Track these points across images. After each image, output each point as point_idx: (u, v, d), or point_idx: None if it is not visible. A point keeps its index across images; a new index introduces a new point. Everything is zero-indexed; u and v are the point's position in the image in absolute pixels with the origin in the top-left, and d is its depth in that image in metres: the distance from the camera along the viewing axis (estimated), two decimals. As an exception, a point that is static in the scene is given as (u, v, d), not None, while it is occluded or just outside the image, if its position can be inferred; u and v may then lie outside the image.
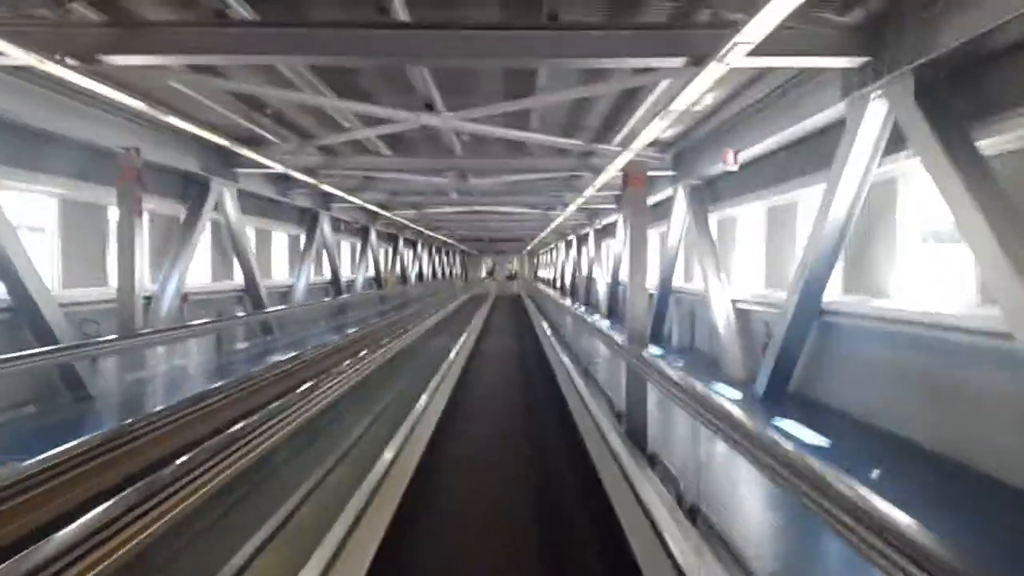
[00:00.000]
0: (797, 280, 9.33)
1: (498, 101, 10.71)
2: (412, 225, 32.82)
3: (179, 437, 6.79)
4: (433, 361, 13.19)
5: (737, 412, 4.08)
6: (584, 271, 34.62)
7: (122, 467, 5.95)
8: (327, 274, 24.55)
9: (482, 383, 13.42)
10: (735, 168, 11.25)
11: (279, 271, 20.80)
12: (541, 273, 65.10)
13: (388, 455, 6.62)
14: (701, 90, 6.94)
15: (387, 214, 26.74)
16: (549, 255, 57.70)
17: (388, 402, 9.37)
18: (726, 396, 5.74)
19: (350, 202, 21.13)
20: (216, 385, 8.59)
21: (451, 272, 63.37)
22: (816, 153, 9.99)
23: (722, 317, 13.30)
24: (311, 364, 11.87)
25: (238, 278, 17.04)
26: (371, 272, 31.59)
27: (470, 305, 31.56)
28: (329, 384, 6.49)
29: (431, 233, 39.19)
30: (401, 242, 37.39)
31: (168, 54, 7.18)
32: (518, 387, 13.22)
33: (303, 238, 21.86)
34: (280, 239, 21.01)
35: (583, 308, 28.23)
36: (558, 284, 46.92)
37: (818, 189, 9.17)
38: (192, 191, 14.48)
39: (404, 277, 39.77)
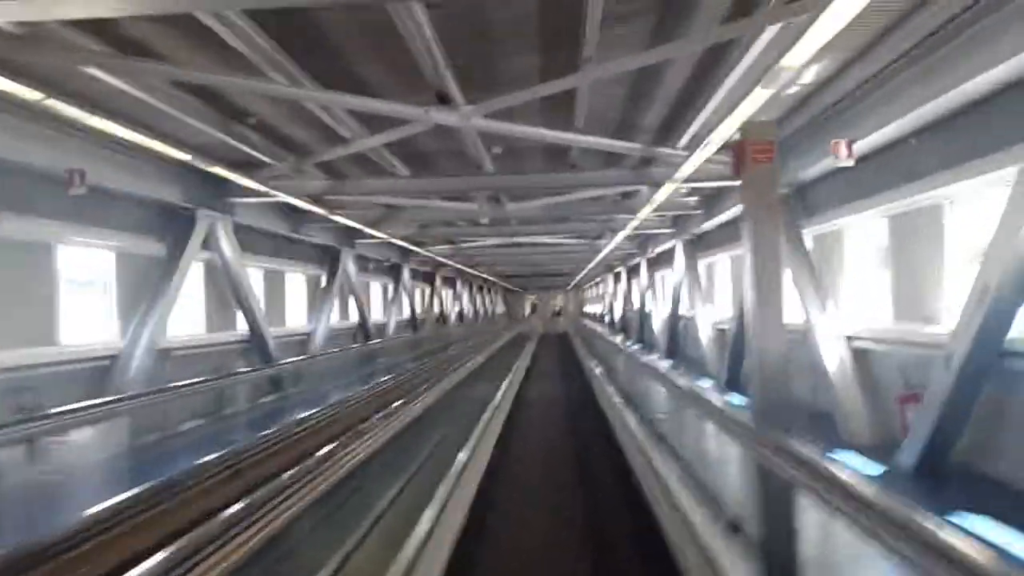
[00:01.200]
0: (969, 310, 6.85)
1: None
2: (448, 262, 30.46)
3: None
4: (467, 418, 10.69)
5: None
6: (636, 304, 31.85)
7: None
8: (354, 318, 22.19)
9: (525, 461, 10.76)
10: (849, 163, 8.47)
11: (296, 316, 18.47)
12: (588, 308, 62.30)
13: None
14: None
15: (419, 250, 24.44)
16: (595, 289, 54.88)
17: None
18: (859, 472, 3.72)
19: (374, 237, 18.84)
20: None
21: (493, 311, 60.89)
22: (975, 132, 7.35)
23: (833, 359, 10.51)
24: (315, 432, 10.09)
25: (242, 326, 14.73)
26: (406, 314, 29.29)
27: (513, 346, 28.92)
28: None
29: (469, 270, 36.82)
30: (438, 281, 35.06)
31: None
32: (570, 465, 10.54)
33: (324, 279, 19.57)
34: (297, 281, 18.71)
35: (635, 345, 25.45)
36: (606, 320, 44.04)
37: (982, 181, 7.37)
38: (174, 226, 12.24)
39: (442, 317, 37.37)
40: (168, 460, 9.06)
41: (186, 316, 13.48)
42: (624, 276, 34.34)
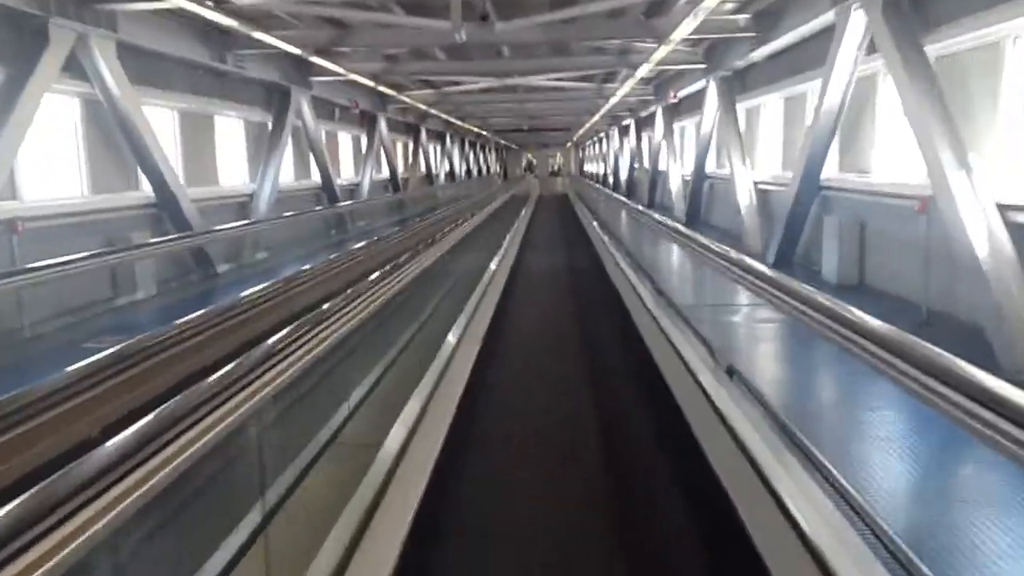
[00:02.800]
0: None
1: None
2: (434, 111, 26.41)
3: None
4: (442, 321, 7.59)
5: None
6: (647, 162, 28.12)
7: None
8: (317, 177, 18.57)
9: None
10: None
11: (236, 174, 14.88)
12: (588, 168, 58.36)
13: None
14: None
15: (396, 95, 20.49)
16: (597, 147, 50.66)
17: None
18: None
19: (332, 73, 14.99)
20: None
21: (488, 169, 56.88)
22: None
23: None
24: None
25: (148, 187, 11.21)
26: (386, 172, 25.61)
27: (507, 211, 25.44)
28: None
29: (459, 123, 32.71)
30: (423, 134, 30.95)
31: None
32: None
33: (271, 127, 15.83)
34: (233, 128, 14.89)
35: (646, 209, 22.09)
36: (610, 180, 40.32)
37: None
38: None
39: (429, 177, 33.61)
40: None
41: (62, 172, 9.94)
42: (633, 129, 30.35)
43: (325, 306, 6.23)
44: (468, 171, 47.81)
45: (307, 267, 11.02)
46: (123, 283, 9.88)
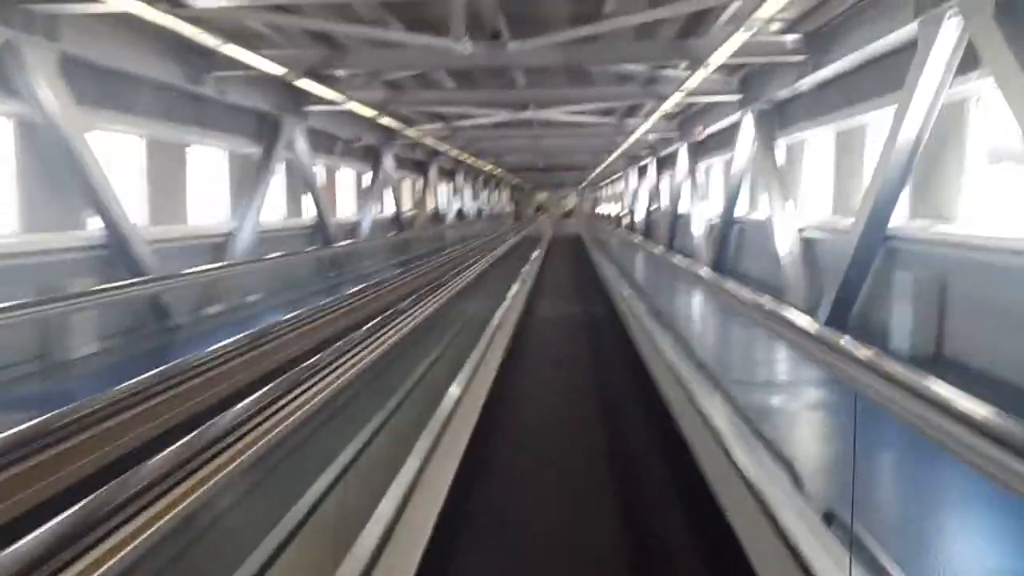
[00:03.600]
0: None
1: None
2: (444, 149, 25.00)
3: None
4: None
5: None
6: (666, 203, 26.51)
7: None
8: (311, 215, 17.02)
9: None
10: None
11: (215, 210, 13.35)
12: (602, 210, 56.92)
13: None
14: None
15: (403, 127, 19.03)
16: (612, 188, 49.21)
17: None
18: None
19: (328, 101, 13.55)
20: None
21: (500, 209, 55.55)
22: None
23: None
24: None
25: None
26: (390, 210, 24.13)
27: (517, 254, 23.83)
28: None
29: (470, 160, 31.32)
30: (433, 172, 29.52)
31: None
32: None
33: (259, 157, 14.32)
34: (212, 158, 13.40)
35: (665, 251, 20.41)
36: (624, 221, 38.71)
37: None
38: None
39: (438, 216, 32.12)
40: None
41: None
42: (653, 169, 28.79)
43: (291, 373, 4.68)
44: (480, 210, 46.44)
45: (285, 318, 9.39)
46: (54, 339, 8.21)
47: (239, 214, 13.29)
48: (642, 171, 34.15)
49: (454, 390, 5.74)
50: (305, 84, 12.09)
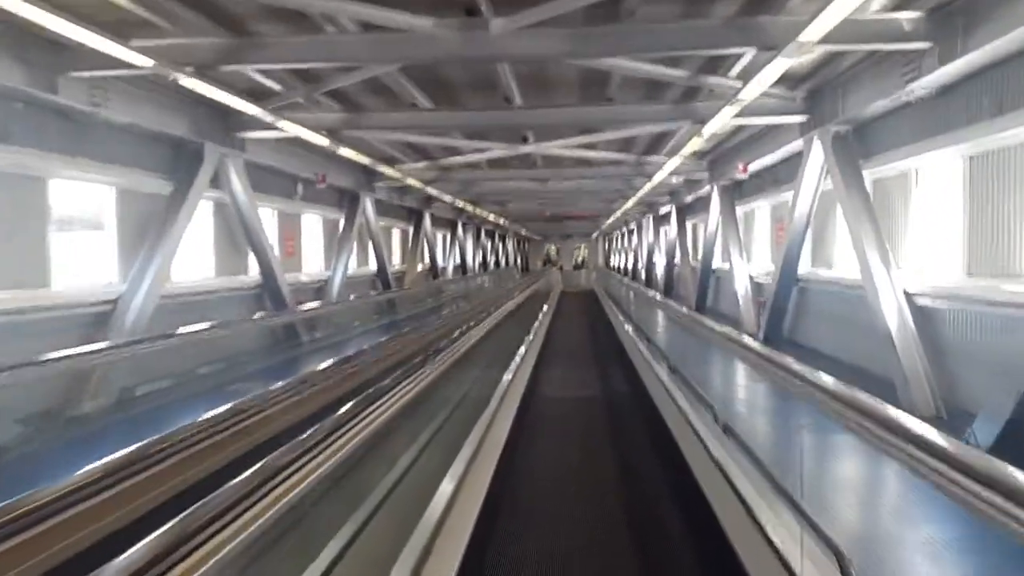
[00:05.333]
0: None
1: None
2: (439, 196, 21.64)
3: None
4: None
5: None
6: (695, 257, 22.96)
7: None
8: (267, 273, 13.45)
9: None
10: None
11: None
12: (614, 262, 53.50)
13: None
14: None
15: (382, 168, 15.69)
16: (627, 239, 45.75)
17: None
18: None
19: (263, 124, 10.23)
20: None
21: (506, 260, 52.14)
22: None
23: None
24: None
25: None
26: (373, 266, 20.68)
27: (522, 313, 20.25)
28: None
29: (472, 209, 27.98)
30: (427, 221, 26.12)
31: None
32: None
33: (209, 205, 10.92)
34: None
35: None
36: (642, 276, 35.16)
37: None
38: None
39: (434, 271, 28.66)
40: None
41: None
42: (674, 217, 25.27)
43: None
44: (484, 263, 43.02)
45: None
46: None
47: (136, 272, 9.77)
48: (660, 220, 30.73)
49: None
50: (227, 99, 8.71)
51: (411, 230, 25.67)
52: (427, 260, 27.89)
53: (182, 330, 9.94)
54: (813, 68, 9.71)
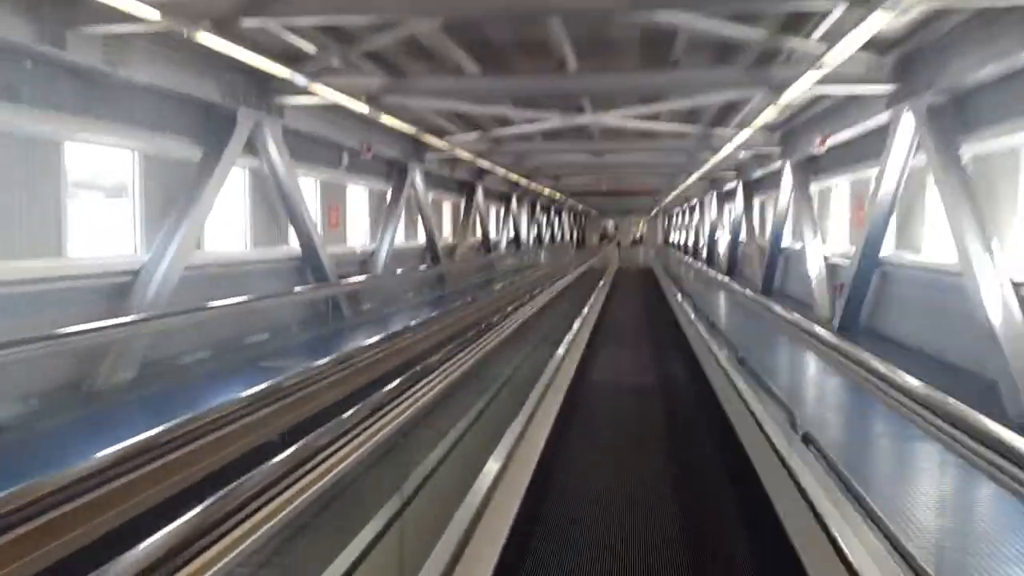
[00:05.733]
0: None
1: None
2: (491, 169, 20.80)
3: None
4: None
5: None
6: (764, 235, 21.66)
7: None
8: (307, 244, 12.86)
9: None
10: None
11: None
12: (675, 238, 51.96)
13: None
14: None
15: (429, 139, 14.94)
16: (688, 215, 44.20)
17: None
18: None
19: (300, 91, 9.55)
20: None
21: (562, 235, 51.09)
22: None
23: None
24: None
25: None
26: (422, 238, 20.03)
27: (574, 291, 19.35)
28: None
29: (525, 182, 27.08)
30: (479, 193, 25.31)
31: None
32: None
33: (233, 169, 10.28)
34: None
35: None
36: (704, 254, 33.80)
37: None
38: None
39: (487, 245, 27.91)
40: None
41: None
42: (740, 194, 23.88)
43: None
44: (539, 237, 42.09)
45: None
46: None
47: (160, 242, 9.21)
48: (724, 197, 29.32)
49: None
50: (249, 58, 8.03)
51: (463, 203, 24.94)
52: (479, 234, 27.20)
53: (213, 304, 9.45)
54: (907, 31, 8.52)
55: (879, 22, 6.12)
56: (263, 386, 7.15)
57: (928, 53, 8.78)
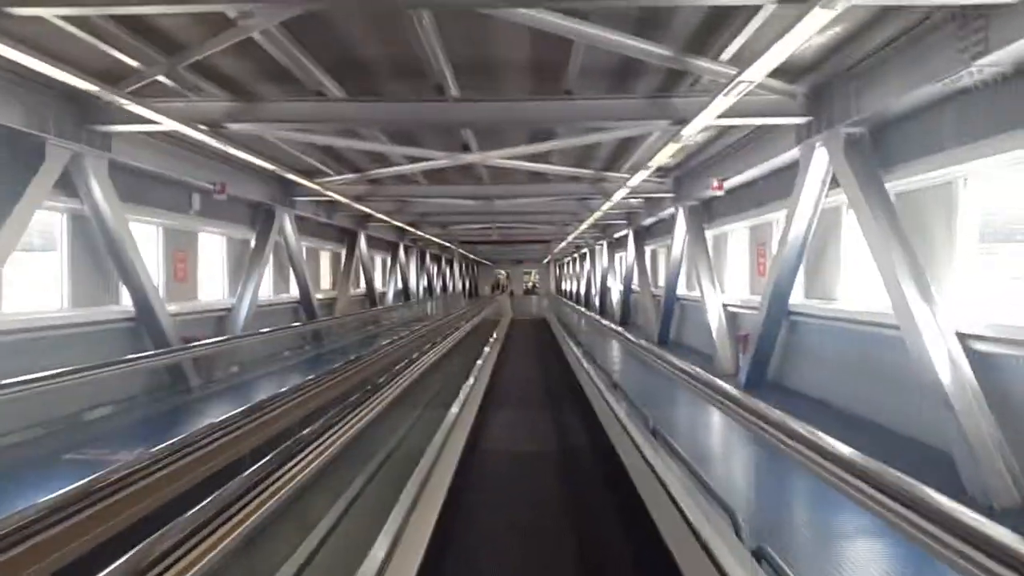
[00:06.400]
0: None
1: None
2: (373, 214, 19.18)
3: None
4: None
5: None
6: (657, 284, 20.84)
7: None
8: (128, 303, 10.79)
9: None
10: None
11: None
12: (567, 287, 51.57)
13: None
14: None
15: (309, 184, 13.30)
16: (578, 264, 43.77)
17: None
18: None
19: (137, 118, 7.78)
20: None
21: (452, 286, 49.68)
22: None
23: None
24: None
25: None
26: (295, 291, 18.09)
27: (465, 346, 17.84)
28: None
29: (412, 230, 25.56)
30: (361, 242, 23.55)
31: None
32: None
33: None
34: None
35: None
36: (595, 302, 33.15)
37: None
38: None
39: (372, 298, 26.09)
40: None
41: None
42: (631, 241, 23.10)
43: None
44: (430, 288, 40.52)
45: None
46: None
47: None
48: (615, 245, 28.74)
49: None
50: (63, 76, 6.26)
51: (344, 252, 23.14)
52: (363, 285, 25.42)
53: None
54: (819, 57, 7.70)
55: (815, 22, 5.05)
56: (59, 494, 5.27)
57: (845, 80, 7.95)
